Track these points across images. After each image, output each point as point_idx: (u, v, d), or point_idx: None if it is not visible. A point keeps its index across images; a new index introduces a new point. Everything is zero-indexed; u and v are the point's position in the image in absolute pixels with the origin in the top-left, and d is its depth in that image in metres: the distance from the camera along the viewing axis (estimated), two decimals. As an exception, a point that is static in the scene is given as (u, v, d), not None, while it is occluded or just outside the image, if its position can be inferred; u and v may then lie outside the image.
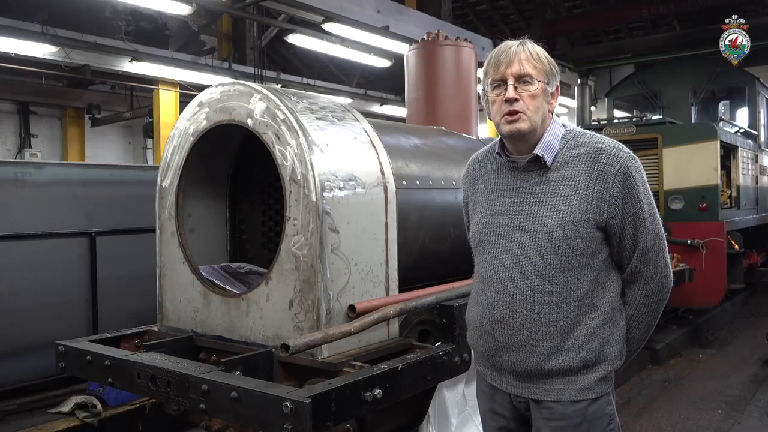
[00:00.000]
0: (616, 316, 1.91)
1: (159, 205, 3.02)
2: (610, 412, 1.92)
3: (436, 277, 3.21)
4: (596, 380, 1.88)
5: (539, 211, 1.88)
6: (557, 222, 1.84)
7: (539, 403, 1.92)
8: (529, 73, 1.85)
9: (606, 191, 1.82)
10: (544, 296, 1.86)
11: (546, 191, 1.89)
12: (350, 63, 13.21)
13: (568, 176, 1.87)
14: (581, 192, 1.84)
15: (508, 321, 1.91)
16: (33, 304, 4.57)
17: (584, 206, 1.83)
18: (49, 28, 8.90)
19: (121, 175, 5.54)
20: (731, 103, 10.29)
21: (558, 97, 1.95)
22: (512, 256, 1.91)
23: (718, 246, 6.91)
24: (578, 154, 1.88)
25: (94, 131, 15.61)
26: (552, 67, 1.90)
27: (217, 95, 2.77)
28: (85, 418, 4.21)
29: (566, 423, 1.88)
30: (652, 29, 16.46)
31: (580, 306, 1.86)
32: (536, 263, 1.87)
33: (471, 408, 3.19)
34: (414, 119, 4.28)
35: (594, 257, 1.86)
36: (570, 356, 1.85)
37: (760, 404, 5.18)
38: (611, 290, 1.90)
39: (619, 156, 1.84)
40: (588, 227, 1.83)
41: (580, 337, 1.86)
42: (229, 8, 9.74)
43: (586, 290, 1.86)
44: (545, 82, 1.88)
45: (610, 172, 1.82)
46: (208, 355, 2.75)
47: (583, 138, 1.91)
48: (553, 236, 1.84)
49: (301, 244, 2.41)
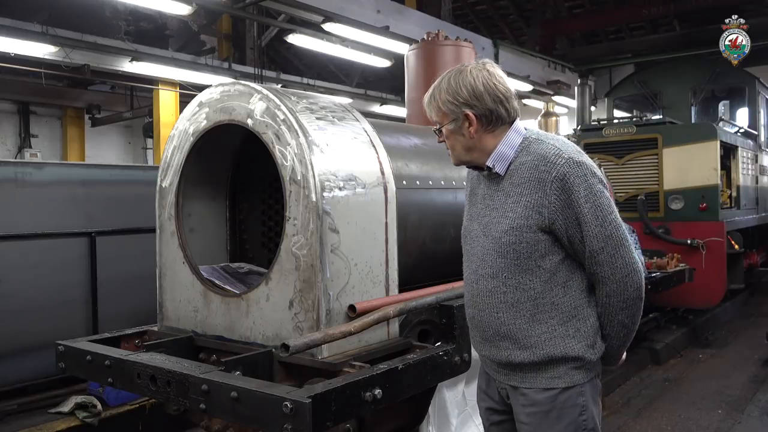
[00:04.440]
0: (583, 313, 1.97)
1: (159, 205, 3.02)
2: (583, 402, 1.97)
3: (436, 277, 3.20)
4: (566, 370, 1.96)
5: (494, 218, 2.02)
6: (505, 228, 1.96)
7: (516, 389, 2.04)
8: (435, 120, 2.07)
9: (545, 198, 1.90)
10: (500, 296, 1.99)
11: (500, 198, 2.01)
12: (350, 63, 13.20)
13: (516, 184, 1.97)
14: (525, 199, 1.93)
15: (477, 319, 2.09)
16: (33, 304, 4.57)
17: (527, 212, 1.92)
18: (49, 28, 8.89)
19: (121, 175, 5.53)
20: (731, 103, 10.29)
21: (476, 121, 1.99)
22: (476, 260, 2.07)
23: (718, 246, 6.91)
24: (525, 162, 1.97)
25: (94, 131, 15.62)
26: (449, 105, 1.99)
27: (217, 95, 2.77)
28: (85, 418, 4.20)
29: (537, 409, 1.98)
30: (652, 29, 16.44)
31: (536, 305, 1.95)
32: (491, 266, 2.00)
33: (471, 408, 3.20)
34: (414, 119, 4.28)
35: (545, 259, 1.93)
36: (534, 352, 1.96)
37: (760, 404, 5.18)
38: (574, 289, 1.97)
39: (556, 163, 1.90)
40: (531, 232, 1.92)
41: (541, 335, 1.96)
42: (229, 8, 9.74)
43: (539, 290, 1.95)
44: (451, 121, 2.02)
45: (548, 180, 1.90)
46: (208, 355, 2.75)
47: (533, 146, 1.98)
48: (502, 241, 1.97)
49: (301, 244, 2.41)
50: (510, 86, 2.03)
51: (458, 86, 1.99)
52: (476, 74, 1.99)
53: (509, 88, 2.02)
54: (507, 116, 2.01)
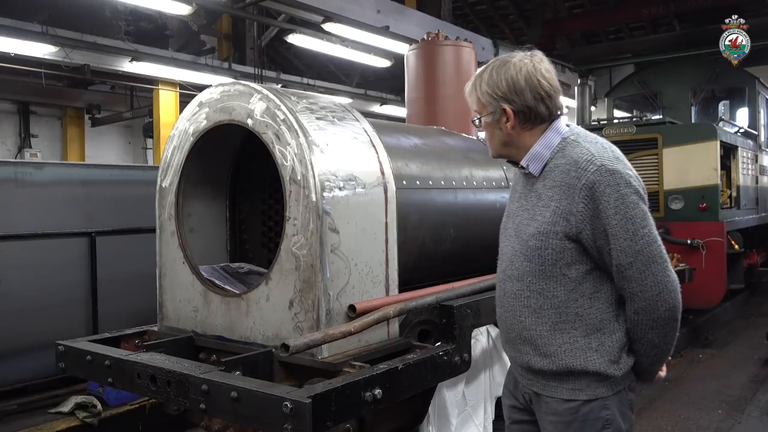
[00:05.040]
0: (609, 327, 1.87)
1: (159, 205, 3.02)
2: (607, 416, 1.87)
3: (436, 277, 3.21)
4: (588, 383, 1.87)
5: (525, 219, 1.95)
6: (532, 231, 1.89)
7: (539, 396, 1.98)
8: (474, 110, 2.03)
9: (573, 205, 1.81)
10: (523, 300, 1.93)
11: (533, 200, 1.94)
12: (350, 63, 13.20)
13: (548, 186, 1.89)
14: (554, 204, 1.85)
15: (503, 319, 2.05)
16: (33, 304, 4.57)
17: (554, 218, 1.84)
18: (49, 28, 8.89)
19: (121, 175, 5.53)
20: (731, 103, 10.28)
21: (513, 117, 1.91)
22: (506, 259, 2.02)
23: (718, 246, 6.90)
24: (559, 165, 1.88)
25: (94, 131, 15.62)
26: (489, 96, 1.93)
27: (217, 95, 2.77)
28: (85, 418, 4.21)
29: (559, 419, 1.91)
30: (652, 29, 16.44)
31: (559, 314, 1.87)
32: (517, 268, 1.95)
33: (471, 408, 3.20)
34: (414, 119, 4.28)
35: (571, 267, 1.85)
36: (553, 361, 1.89)
37: (760, 404, 5.18)
38: (602, 301, 1.87)
39: (587, 169, 1.80)
40: (557, 239, 1.83)
41: (562, 345, 1.88)
42: (229, 8, 9.74)
43: (563, 299, 1.86)
44: (488, 113, 1.96)
45: (577, 186, 1.80)
46: (208, 355, 2.75)
47: (569, 148, 1.88)
48: (529, 245, 1.90)
49: (301, 244, 2.41)
50: (556, 82, 1.92)
51: (499, 79, 1.91)
52: (520, 67, 1.89)
53: (554, 84, 1.91)
54: (547, 114, 1.91)
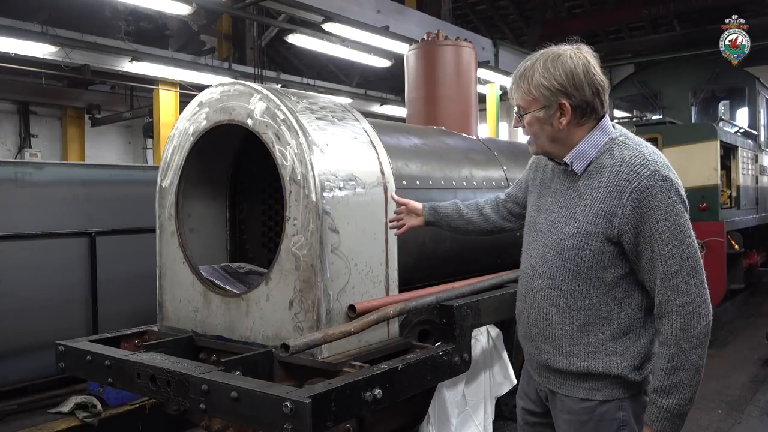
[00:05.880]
0: (636, 333, 1.86)
1: (159, 205, 3.02)
2: (622, 417, 1.87)
3: (436, 277, 3.21)
4: (606, 384, 1.87)
5: (562, 217, 1.91)
6: (571, 231, 1.86)
7: (555, 394, 1.99)
8: (519, 104, 1.92)
9: (620, 207, 1.77)
10: (553, 299, 1.91)
11: (572, 198, 1.90)
12: (350, 63, 13.21)
13: (593, 186, 1.85)
14: (598, 205, 1.81)
15: (526, 314, 2.02)
16: (33, 304, 4.57)
17: (597, 219, 1.81)
18: (49, 28, 8.89)
19: (121, 175, 5.53)
20: (731, 103, 10.28)
21: (570, 112, 1.84)
22: (536, 255, 1.98)
23: (718, 246, 6.91)
24: (607, 166, 1.83)
25: (94, 131, 15.61)
26: (545, 91, 1.83)
27: (217, 95, 2.77)
28: (85, 418, 4.20)
29: (574, 418, 1.92)
30: (652, 29, 16.45)
31: (588, 316, 1.86)
32: (550, 266, 1.92)
33: (471, 408, 3.20)
34: (414, 119, 4.28)
35: (607, 271, 1.83)
36: (574, 362, 1.89)
37: (760, 404, 5.18)
38: (632, 307, 1.86)
39: (640, 173, 1.76)
40: (597, 240, 1.81)
41: (587, 346, 1.87)
42: (229, 8, 9.74)
43: (595, 301, 1.85)
44: (538, 108, 1.86)
45: (627, 189, 1.76)
46: (208, 355, 2.75)
47: (618, 149, 1.84)
48: (566, 244, 1.87)
49: (301, 244, 2.41)
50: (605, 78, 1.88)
51: (556, 71, 1.81)
52: (576, 60, 1.82)
53: (605, 78, 1.87)
54: (600, 110, 1.87)
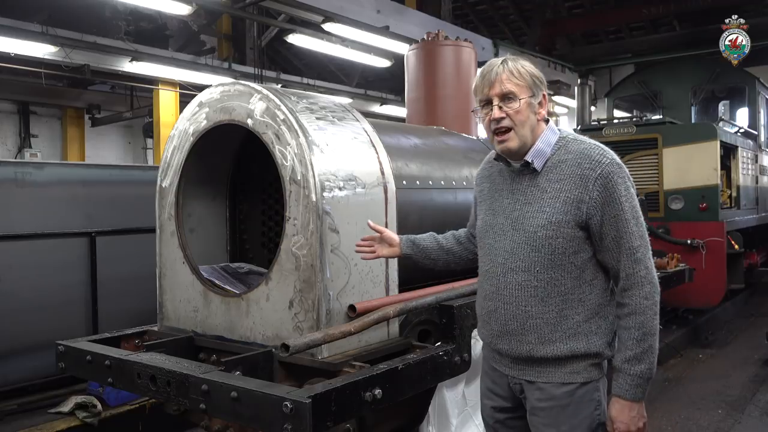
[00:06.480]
0: (605, 311, 2.03)
1: (159, 205, 3.02)
2: (597, 398, 2.02)
3: (435, 277, 3.20)
4: (585, 366, 2.00)
5: (528, 212, 2.03)
6: (542, 222, 1.98)
7: (532, 383, 2.06)
8: (511, 90, 2.00)
9: (586, 194, 1.94)
10: (530, 290, 2.01)
11: (535, 194, 2.03)
12: (350, 63, 13.20)
13: (554, 180, 2.00)
14: (564, 194, 1.97)
15: (501, 312, 2.08)
16: (33, 304, 4.56)
17: (566, 208, 1.96)
18: (49, 28, 8.89)
19: (121, 175, 5.52)
20: (731, 103, 10.28)
21: (546, 104, 2.07)
22: (504, 253, 2.07)
23: (718, 246, 6.91)
24: (566, 160, 2.00)
25: (94, 131, 15.60)
26: (535, 79, 2.02)
27: (217, 95, 2.77)
28: (85, 418, 4.20)
29: (554, 404, 2.01)
30: (652, 29, 16.44)
31: (565, 300, 1.99)
32: (524, 260, 2.02)
33: (471, 408, 3.19)
34: (414, 119, 4.28)
35: (577, 255, 1.98)
36: (558, 347, 1.99)
37: (760, 404, 5.18)
38: (598, 287, 2.02)
39: (601, 161, 1.95)
40: (569, 227, 1.96)
41: (567, 330, 1.99)
42: (229, 8, 9.74)
43: (570, 286, 1.99)
44: (529, 96, 2.01)
45: (591, 176, 1.94)
46: (208, 355, 2.75)
47: (573, 145, 2.03)
48: (538, 235, 1.99)
49: (301, 244, 2.41)
50: None
51: (531, 68, 2.03)
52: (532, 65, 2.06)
53: None
54: None
